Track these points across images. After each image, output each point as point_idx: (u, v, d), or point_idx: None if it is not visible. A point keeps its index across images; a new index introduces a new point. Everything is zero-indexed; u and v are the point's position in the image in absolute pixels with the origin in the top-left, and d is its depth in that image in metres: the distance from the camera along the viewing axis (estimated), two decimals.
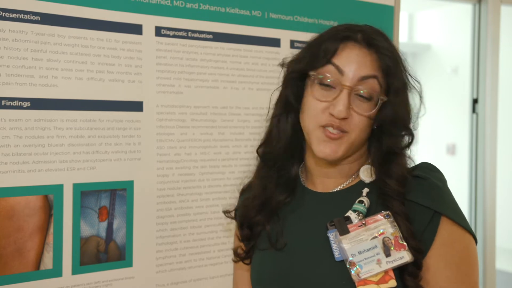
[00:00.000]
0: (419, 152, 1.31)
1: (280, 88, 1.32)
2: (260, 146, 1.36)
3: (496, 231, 2.90)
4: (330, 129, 1.18)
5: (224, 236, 1.80)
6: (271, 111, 1.35)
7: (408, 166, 1.24)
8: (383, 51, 1.19)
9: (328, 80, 1.19)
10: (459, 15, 4.97)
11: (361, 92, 1.17)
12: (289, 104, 1.27)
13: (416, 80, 1.26)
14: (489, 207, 2.87)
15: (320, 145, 1.20)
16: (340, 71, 1.18)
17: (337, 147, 1.19)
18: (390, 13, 2.11)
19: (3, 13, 1.43)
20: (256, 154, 1.38)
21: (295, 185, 1.31)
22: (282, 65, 1.32)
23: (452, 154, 5.32)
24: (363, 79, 1.17)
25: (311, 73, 1.21)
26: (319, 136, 1.20)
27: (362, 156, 1.27)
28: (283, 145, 1.30)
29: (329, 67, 1.19)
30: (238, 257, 1.37)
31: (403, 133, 1.22)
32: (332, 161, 1.23)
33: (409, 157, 1.26)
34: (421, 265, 1.14)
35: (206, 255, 1.77)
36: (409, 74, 1.25)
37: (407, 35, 6.15)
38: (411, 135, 1.24)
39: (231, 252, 1.80)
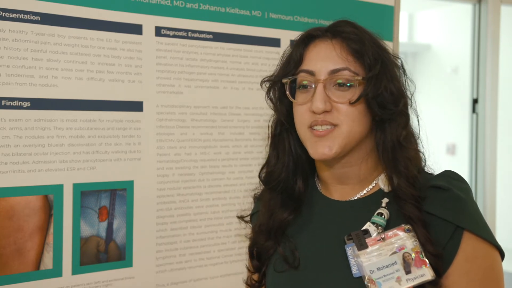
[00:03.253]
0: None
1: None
2: (261, 171, 1.33)
3: (496, 231, 2.90)
4: (318, 127, 1.16)
5: (224, 236, 1.80)
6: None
7: (420, 161, 1.21)
8: (348, 35, 1.17)
9: (303, 82, 1.19)
10: (459, 15, 4.97)
11: (338, 81, 1.15)
12: (281, 123, 1.27)
13: (395, 57, 1.23)
14: (489, 207, 2.87)
15: (313, 147, 1.17)
16: (310, 73, 1.18)
17: (331, 143, 1.15)
18: (390, 13, 2.10)
19: (3, 13, 1.43)
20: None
21: (300, 202, 1.28)
22: (261, 85, 1.31)
23: (452, 154, 5.32)
24: (334, 72, 1.16)
25: (284, 80, 1.22)
26: (310, 138, 1.18)
27: (369, 156, 1.22)
28: (283, 163, 1.27)
29: (300, 74, 1.20)
30: (252, 287, 1.34)
31: (392, 107, 1.17)
32: (332, 160, 1.19)
33: (420, 151, 1.22)
34: (441, 272, 1.10)
35: (206, 255, 1.77)
36: (386, 51, 1.21)
37: (407, 35, 6.15)
38: (404, 113, 1.19)
39: (231, 252, 1.80)
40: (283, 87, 1.24)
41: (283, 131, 1.28)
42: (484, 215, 2.88)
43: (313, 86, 1.17)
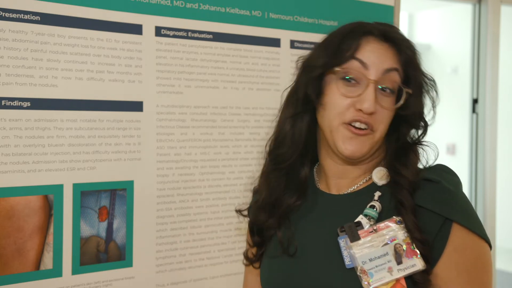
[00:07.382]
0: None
1: (293, 87, 1.28)
2: (271, 148, 1.30)
3: (496, 231, 2.90)
4: (357, 124, 1.16)
5: (224, 236, 1.80)
6: (282, 111, 1.29)
7: (422, 159, 1.24)
8: (401, 43, 1.20)
9: (352, 75, 1.17)
10: (459, 15, 4.97)
11: (385, 86, 1.17)
12: (309, 102, 1.22)
13: (429, 77, 1.26)
14: (489, 207, 2.87)
15: (345, 143, 1.17)
16: (364, 65, 1.16)
17: (362, 144, 1.17)
18: (390, 13, 2.10)
19: (3, 13, 1.43)
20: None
21: (305, 187, 1.28)
22: (296, 64, 1.29)
23: (452, 154, 5.31)
24: (386, 72, 1.16)
25: (336, 68, 1.18)
26: (344, 134, 1.17)
27: (379, 153, 1.24)
28: (298, 147, 1.25)
29: (353, 63, 1.17)
30: (248, 260, 1.35)
31: (421, 124, 1.23)
32: (356, 159, 1.20)
33: (422, 147, 1.25)
34: (431, 261, 1.11)
35: (206, 255, 1.77)
36: (422, 68, 1.26)
37: (407, 35, 6.14)
38: (426, 126, 1.24)
39: (231, 252, 1.80)
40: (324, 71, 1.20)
41: (307, 111, 1.24)
42: (484, 215, 2.89)
43: (361, 82, 1.16)
